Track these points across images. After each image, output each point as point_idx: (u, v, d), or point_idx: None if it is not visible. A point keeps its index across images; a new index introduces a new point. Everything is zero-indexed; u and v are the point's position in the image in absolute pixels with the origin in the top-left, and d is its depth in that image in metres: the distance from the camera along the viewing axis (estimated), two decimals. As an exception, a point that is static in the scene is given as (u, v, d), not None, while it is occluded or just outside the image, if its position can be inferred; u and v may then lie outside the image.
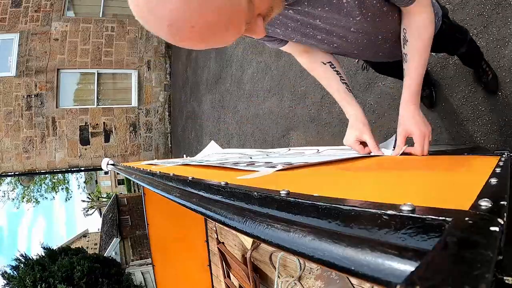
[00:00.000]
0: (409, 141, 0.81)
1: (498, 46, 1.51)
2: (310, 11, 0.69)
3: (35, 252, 7.65)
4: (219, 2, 0.42)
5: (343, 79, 0.93)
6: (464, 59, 1.58)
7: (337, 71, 0.92)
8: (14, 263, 7.07)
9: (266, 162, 0.86)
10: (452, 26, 1.20)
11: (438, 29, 0.98)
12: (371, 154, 0.88)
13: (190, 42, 0.45)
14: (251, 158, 1.28)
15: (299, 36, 0.80)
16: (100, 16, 7.42)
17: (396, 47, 0.88)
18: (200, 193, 0.49)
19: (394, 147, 0.87)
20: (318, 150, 1.25)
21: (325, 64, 0.92)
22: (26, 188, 18.20)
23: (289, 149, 1.52)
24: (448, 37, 1.17)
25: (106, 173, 27.17)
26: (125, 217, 14.23)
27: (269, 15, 0.56)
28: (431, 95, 1.88)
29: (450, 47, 1.36)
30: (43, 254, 7.40)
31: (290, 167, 0.63)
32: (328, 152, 1.11)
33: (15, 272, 6.83)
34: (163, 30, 0.43)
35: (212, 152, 1.90)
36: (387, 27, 0.82)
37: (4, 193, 17.77)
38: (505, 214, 0.21)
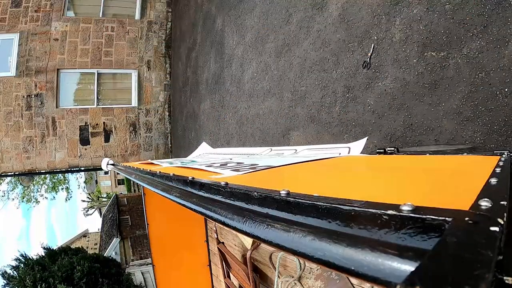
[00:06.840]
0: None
1: (498, 46, 1.51)
2: None
3: (35, 252, 7.65)
4: None
5: None
6: None
7: None
8: (14, 263, 7.07)
9: (237, 163, 0.93)
10: None
11: None
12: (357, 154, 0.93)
13: None
14: (231, 159, 1.35)
15: None
16: (100, 16, 7.42)
17: None
18: (200, 193, 0.49)
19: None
20: (296, 150, 1.28)
21: None
22: (26, 188, 18.17)
23: (271, 149, 1.56)
24: None
25: (106, 173, 27.17)
26: (125, 217, 14.23)
27: None
28: None
29: None
30: (43, 254, 7.41)
31: (253, 171, 0.66)
32: (304, 153, 1.14)
33: (15, 272, 6.83)
34: None
35: (203, 152, 1.93)
36: None
37: (4, 193, 17.75)
38: (505, 214, 0.21)
